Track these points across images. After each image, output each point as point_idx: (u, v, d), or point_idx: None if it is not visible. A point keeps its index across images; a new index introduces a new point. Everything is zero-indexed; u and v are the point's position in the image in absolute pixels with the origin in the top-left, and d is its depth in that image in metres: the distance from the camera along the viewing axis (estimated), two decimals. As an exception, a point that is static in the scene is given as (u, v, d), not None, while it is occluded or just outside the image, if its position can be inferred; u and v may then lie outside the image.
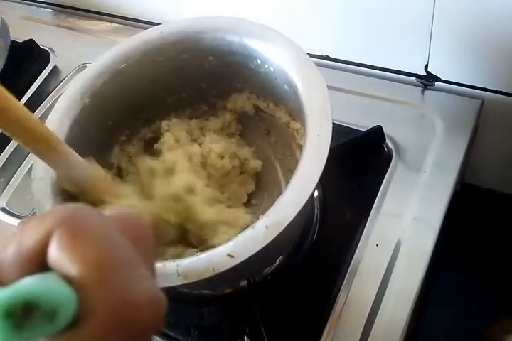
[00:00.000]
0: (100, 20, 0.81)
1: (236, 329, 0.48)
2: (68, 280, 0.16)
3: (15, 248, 0.17)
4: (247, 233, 0.34)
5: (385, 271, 0.47)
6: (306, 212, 0.48)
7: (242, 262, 0.33)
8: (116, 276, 0.16)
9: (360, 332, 0.45)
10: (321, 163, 0.36)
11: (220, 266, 0.33)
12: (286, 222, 0.34)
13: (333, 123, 0.38)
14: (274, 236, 0.34)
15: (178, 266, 0.34)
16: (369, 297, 0.46)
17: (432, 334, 0.69)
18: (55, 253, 0.16)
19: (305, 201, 0.35)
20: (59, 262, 0.16)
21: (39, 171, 0.41)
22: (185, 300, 0.51)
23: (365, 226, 0.50)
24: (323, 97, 0.39)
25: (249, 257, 0.33)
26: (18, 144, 0.67)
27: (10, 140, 0.69)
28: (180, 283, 0.33)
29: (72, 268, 0.16)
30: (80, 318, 0.15)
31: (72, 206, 0.18)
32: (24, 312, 0.14)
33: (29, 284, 0.15)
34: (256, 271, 0.49)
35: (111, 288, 0.16)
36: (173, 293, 0.52)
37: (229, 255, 0.33)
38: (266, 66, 0.44)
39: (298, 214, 0.34)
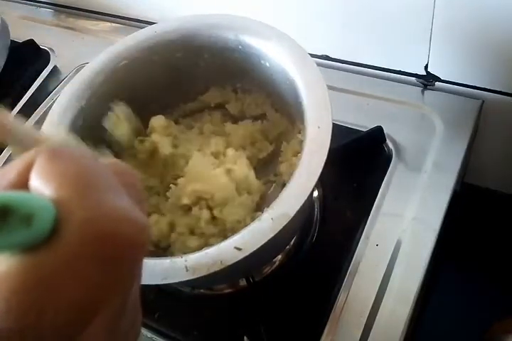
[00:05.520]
0: (100, 20, 0.81)
1: (236, 330, 0.48)
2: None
3: None
4: (254, 225, 0.35)
5: (385, 271, 0.47)
6: (309, 204, 0.48)
7: (250, 254, 0.33)
8: (95, 192, 0.16)
9: (360, 332, 0.45)
10: (323, 154, 0.36)
11: (228, 259, 0.33)
12: (292, 213, 0.34)
13: (333, 123, 0.38)
14: (280, 228, 0.34)
15: (186, 261, 0.34)
16: (369, 297, 0.46)
17: (432, 334, 0.69)
18: (35, 178, 0.16)
19: (309, 192, 0.35)
20: (39, 186, 0.16)
21: None
22: (185, 300, 0.51)
23: (365, 226, 0.50)
24: (321, 89, 0.39)
25: (257, 249, 0.33)
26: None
27: (10, 140, 0.69)
28: (189, 277, 0.33)
29: (50, 184, 0.16)
30: (57, 231, 0.15)
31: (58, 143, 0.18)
32: (1, 215, 0.14)
33: (6, 193, 0.15)
34: (262, 264, 0.50)
35: (89, 201, 0.16)
36: (173, 293, 0.52)
37: (236, 248, 0.34)
38: (262, 62, 0.44)
39: (302, 206, 0.35)
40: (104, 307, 0.16)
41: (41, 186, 0.16)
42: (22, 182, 0.16)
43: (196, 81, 0.51)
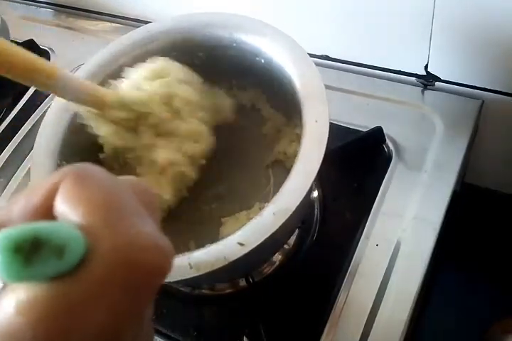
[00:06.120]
0: (100, 20, 0.81)
1: (235, 330, 0.48)
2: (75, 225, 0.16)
3: (22, 203, 0.17)
4: (256, 221, 0.35)
5: (385, 271, 0.47)
6: (308, 199, 0.49)
7: (253, 249, 0.33)
8: (121, 218, 0.16)
9: (360, 332, 0.45)
10: (322, 147, 0.36)
11: (231, 254, 0.33)
12: (293, 208, 0.34)
13: (333, 123, 0.38)
14: (282, 222, 0.34)
15: (189, 258, 0.34)
16: (369, 297, 0.46)
17: (432, 334, 0.69)
18: (60, 202, 0.16)
19: (309, 186, 0.35)
20: (65, 211, 0.16)
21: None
22: (185, 300, 0.51)
23: (365, 226, 0.50)
24: (317, 84, 0.39)
25: (260, 244, 0.33)
26: (18, 145, 0.68)
27: (10, 140, 0.69)
28: (193, 275, 0.33)
29: (76, 210, 0.16)
30: (86, 258, 0.15)
31: (79, 164, 0.18)
32: (32, 248, 0.14)
33: (37, 224, 0.15)
34: (263, 261, 0.50)
35: (116, 228, 0.16)
36: (173, 293, 0.52)
37: (239, 243, 0.34)
38: (257, 58, 0.44)
39: (303, 200, 0.35)
40: (128, 332, 0.16)
41: (67, 211, 0.16)
42: (47, 206, 0.16)
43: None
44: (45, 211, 0.16)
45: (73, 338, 0.15)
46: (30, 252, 0.14)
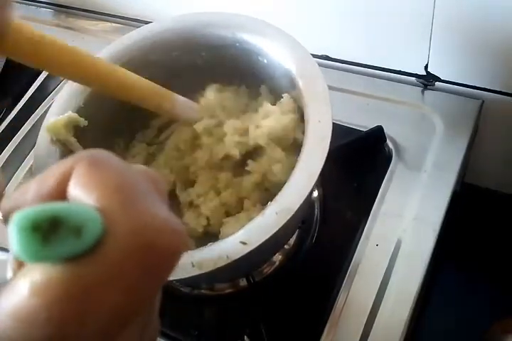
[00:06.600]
0: (100, 20, 0.81)
1: (236, 330, 0.48)
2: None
3: (36, 188, 0.17)
4: (258, 220, 0.35)
5: (385, 271, 0.47)
6: (310, 199, 0.49)
7: (255, 248, 0.33)
8: (136, 202, 0.16)
9: (360, 332, 0.45)
10: (325, 147, 0.36)
11: (233, 253, 0.33)
12: (296, 207, 0.34)
13: (334, 123, 0.38)
14: (284, 222, 0.34)
15: (191, 256, 0.34)
16: (369, 297, 0.46)
17: (432, 334, 0.69)
18: (74, 187, 0.16)
19: (311, 186, 0.35)
20: (79, 195, 0.16)
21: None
22: (185, 300, 0.51)
23: (365, 226, 0.50)
24: (320, 85, 0.39)
25: (262, 243, 0.34)
26: (18, 145, 0.68)
27: (10, 140, 0.69)
28: (195, 273, 0.33)
29: (91, 194, 0.16)
30: (102, 241, 0.15)
31: (93, 149, 0.18)
32: (51, 227, 0.14)
33: (55, 204, 0.15)
34: (265, 261, 0.50)
35: (131, 212, 0.16)
36: (173, 293, 0.52)
37: (242, 242, 0.34)
38: (260, 58, 0.44)
39: (306, 199, 0.35)
40: (139, 317, 0.16)
41: (81, 195, 0.16)
42: (61, 190, 0.17)
43: (194, 79, 0.51)
44: (59, 195, 0.17)
45: (88, 320, 0.15)
46: (48, 231, 0.14)
